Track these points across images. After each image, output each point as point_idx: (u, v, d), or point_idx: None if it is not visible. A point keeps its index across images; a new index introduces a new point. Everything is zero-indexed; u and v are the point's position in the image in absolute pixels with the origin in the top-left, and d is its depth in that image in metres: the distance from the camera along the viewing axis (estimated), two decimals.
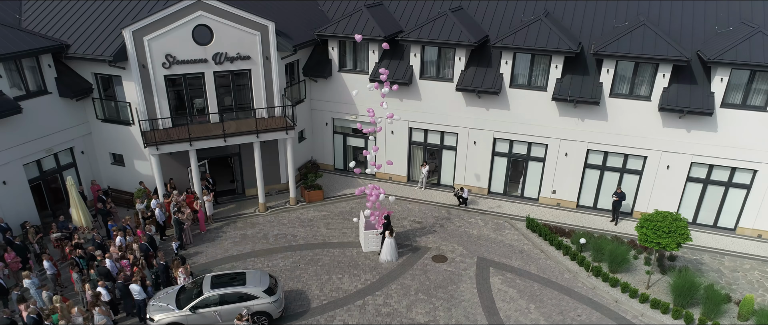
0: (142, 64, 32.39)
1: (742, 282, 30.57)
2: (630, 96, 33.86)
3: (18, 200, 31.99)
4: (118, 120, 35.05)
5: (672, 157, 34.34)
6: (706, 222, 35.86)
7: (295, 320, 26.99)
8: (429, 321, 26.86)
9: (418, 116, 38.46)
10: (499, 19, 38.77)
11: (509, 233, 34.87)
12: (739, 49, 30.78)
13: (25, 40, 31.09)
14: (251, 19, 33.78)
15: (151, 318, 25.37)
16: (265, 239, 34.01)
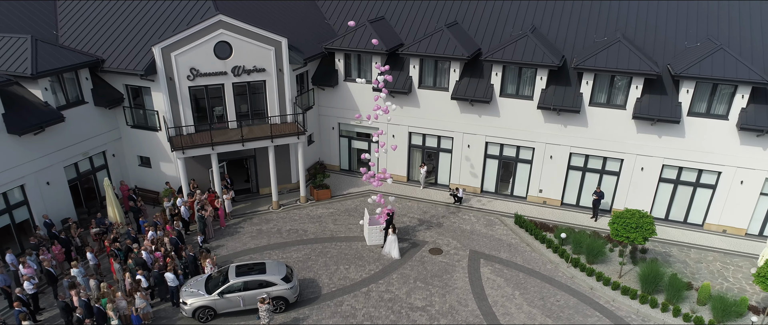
0: (169, 77, 36.26)
1: (705, 272, 34.49)
2: (607, 105, 37.69)
3: (59, 198, 35.93)
4: (146, 126, 38.93)
5: (645, 160, 38.21)
6: (677, 218, 39.73)
7: (308, 304, 30.93)
8: (426, 306, 30.81)
9: (417, 122, 42.35)
10: (490, 34, 42.59)
11: (499, 229, 38.80)
12: (702, 64, 34.65)
13: (67, 56, 34.98)
14: (266, 36, 37.59)
15: (185, 302, 29.31)
16: (279, 233, 37.91)
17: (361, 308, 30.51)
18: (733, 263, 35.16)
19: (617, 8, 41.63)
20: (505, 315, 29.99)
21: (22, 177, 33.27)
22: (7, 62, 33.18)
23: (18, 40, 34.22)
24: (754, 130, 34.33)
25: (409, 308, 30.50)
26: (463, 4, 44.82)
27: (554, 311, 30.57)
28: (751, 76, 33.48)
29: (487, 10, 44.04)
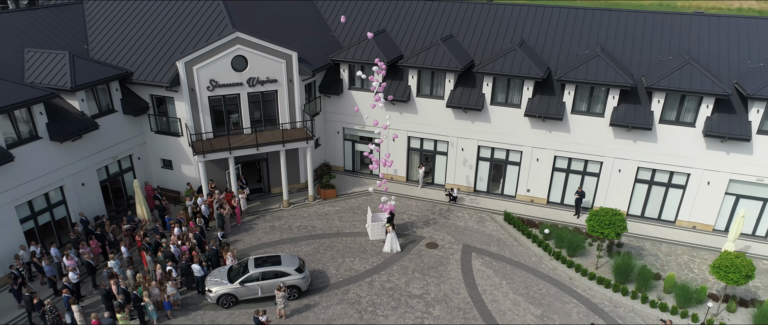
0: (191, 88, 40.30)
1: (673, 264, 38.61)
2: (587, 113, 41.75)
3: (92, 198, 40.04)
4: (169, 132, 43.00)
5: (622, 163, 42.29)
6: (652, 216, 43.83)
7: (318, 292, 35.03)
8: (423, 294, 34.91)
9: (415, 127, 46.39)
10: (483, 46, 46.59)
11: (489, 225, 42.91)
12: (671, 77, 38.70)
13: (101, 70, 39.02)
14: (278, 50, 41.60)
15: (210, 290, 33.41)
16: (290, 229, 42.01)
17: (365, 296, 34.57)
18: (699, 256, 39.21)
19: (599, 22, 45.58)
20: (492, 302, 34.07)
21: (62, 179, 37.30)
22: (48, 76, 37.14)
23: (57, 55, 38.11)
24: (717, 136, 38.30)
25: (407, 296, 34.57)
26: (458, 17, 48.71)
27: (537, 298, 34.65)
28: (714, 88, 37.44)
29: (480, 23, 47.93)
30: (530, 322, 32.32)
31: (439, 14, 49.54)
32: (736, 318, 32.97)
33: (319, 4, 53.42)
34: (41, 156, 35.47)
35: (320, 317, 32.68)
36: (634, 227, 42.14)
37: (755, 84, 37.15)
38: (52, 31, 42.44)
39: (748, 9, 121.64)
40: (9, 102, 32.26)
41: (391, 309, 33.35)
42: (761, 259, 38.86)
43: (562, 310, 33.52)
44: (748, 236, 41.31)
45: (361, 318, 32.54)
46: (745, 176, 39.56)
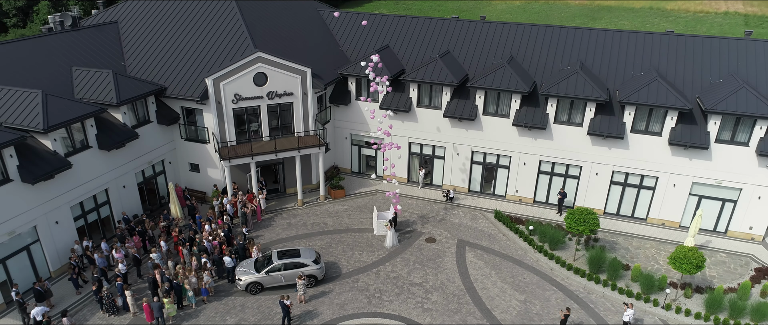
0: (218, 101, 45.92)
1: (641, 257, 44.29)
2: (568, 123, 47.36)
3: (130, 198, 45.69)
4: (197, 139, 48.61)
5: (599, 167, 47.94)
6: (626, 214, 49.49)
7: (332, 281, 40.71)
8: (422, 282, 40.59)
9: (415, 134, 51.98)
10: (476, 61, 52.06)
11: (481, 222, 48.59)
12: (640, 93, 44.31)
13: (140, 86, 44.61)
14: (294, 67, 47.13)
15: (239, 279, 39.07)
16: (305, 226, 47.68)
17: (373, 284, 40.29)
18: (664, 249, 44.92)
19: (580, 40, 51.07)
20: (483, 289, 39.79)
21: (107, 182, 42.97)
22: (96, 92, 42.73)
23: (102, 74, 43.68)
24: (681, 144, 43.94)
25: (409, 284, 40.28)
26: (454, 33, 54.21)
27: (521, 286, 40.38)
28: (677, 103, 43.08)
29: (474, 39, 53.41)
30: (515, 306, 37.99)
31: (438, 30, 55.01)
32: (691, 303, 38.66)
33: (327, 18, 58.78)
34: (91, 163, 41.07)
35: (334, 302, 38.33)
36: (610, 224, 47.74)
37: (712, 100, 42.75)
38: (94, 50, 47.91)
39: (734, 12, 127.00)
40: (69, 117, 37.83)
41: (395, 295, 38.99)
42: (719, 252, 44.49)
43: (543, 296, 39.21)
44: (709, 232, 46.96)
45: (369, 303, 38.19)
46: (705, 179, 45.16)
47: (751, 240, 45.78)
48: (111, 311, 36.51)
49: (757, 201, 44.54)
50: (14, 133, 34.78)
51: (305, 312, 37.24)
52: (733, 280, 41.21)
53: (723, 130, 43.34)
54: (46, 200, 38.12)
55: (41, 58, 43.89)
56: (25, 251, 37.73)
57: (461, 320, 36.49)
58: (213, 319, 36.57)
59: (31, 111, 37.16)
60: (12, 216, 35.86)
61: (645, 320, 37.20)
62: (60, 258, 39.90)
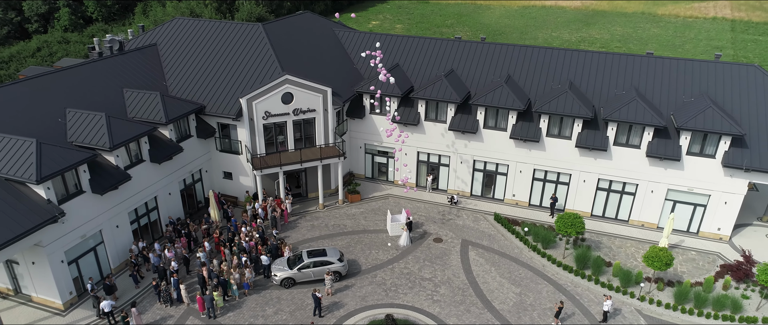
0: (250, 118, 52.42)
1: (622, 255, 50.91)
2: (558, 136, 53.89)
3: (174, 204, 52.25)
4: (230, 150, 55.11)
5: (586, 175, 54.51)
6: (610, 216, 56.07)
7: (353, 277, 47.30)
8: (432, 277, 47.19)
9: (423, 144, 58.52)
10: (478, 79, 58.46)
11: (483, 224, 55.19)
12: (621, 111, 50.79)
13: (184, 106, 51.08)
14: (317, 87, 53.58)
15: (275, 275, 45.65)
16: (326, 227, 54.27)
17: (389, 279, 46.92)
18: (643, 248, 51.48)
19: (570, 60, 57.35)
20: (484, 283, 46.44)
21: (156, 190, 49.52)
22: (146, 112, 49.16)
23: (151, 95, 50.06)
24: (657, 156, 50.51)
25: (420, 279, 46.92)
26: (457, 53, 60.43)
27: (517, 280, 47.03)
28: (653, 120, 49.60)
29: (475, 58, 59.71)
30: (511, 298, 44.69)
31: (442, 50, 61.44)
32: (663, 295, 45.30)
33: (342, 37, 65.30)
34: (145, 174, 47.63)
35: (357, 294, 44.97)
36: (596, 225, 54.33)
37: (683, 118, 49.33)
38: (139, 72, 54.35)
39: (722, 18, 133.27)
40: (129, 136, 44.37)
41: (408, 289, 45.64)
42: (690, 250, 51.13)
43: (536, 289, 45.87)
44: (683, 232, 53.54)
45: (387, 296, 44.84)
46: (679, 186, 51.76)
47: (719, 240, 52.34)
48: (167, 302, 43.00)
49: (724, 206, 51.07)
50: (87, 152, 41.22)
51: (332, 303, 43.81)
52: (700, 275, 47.78)
53: (693, 144, 49.84)
54: (109, 208, 44.64)
55: (97, 81, 50.17)
56: (92, 251, 44.11)
57: (465, 310, 43.12)
58: (254, 309, 43.18)
59: (97, 131, 43.62)
60: (84, 222, 42.38)
61: (622, 309, 43.78)
62: (119, 257, 46.47)
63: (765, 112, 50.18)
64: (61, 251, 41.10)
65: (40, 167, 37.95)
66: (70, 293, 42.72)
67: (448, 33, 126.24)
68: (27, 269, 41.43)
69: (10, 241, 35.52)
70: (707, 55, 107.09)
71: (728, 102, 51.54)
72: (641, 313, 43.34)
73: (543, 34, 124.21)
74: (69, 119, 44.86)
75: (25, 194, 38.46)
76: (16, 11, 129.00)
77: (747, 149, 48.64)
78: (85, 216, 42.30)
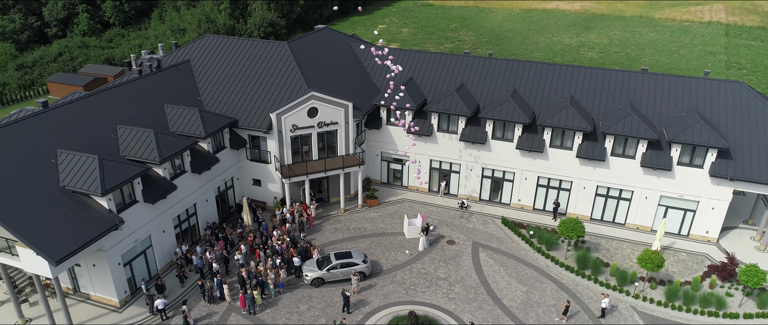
0: (279, 131, 57.52)
1: (619, 256, 56.13)
2: (560, 147, 59.05)
3: (210, 210, 57.43)
4: (260, 160, 60.25)
5: (586, 182, 59.69)
6: (608, 219, 61.29)
7: (376, 276, 52.46)
8: (446, 277, 52.39)
9: (436, 154, 63.68)
10: (486, 92, 63.50)
11: (491, 227, 60.44)
12: (618, 125, 55.91)
13: (220, 120, 56.13)
14: (339, 102, 58.60)
15: (306, 275, 50.81)
16: (348, 230, 59.45)
17: (408, 278, 52.15)
18: (638, 250, 56.64)
19: (571, 75, 62.40)
20: (494, 282, 51.67)
21: (196, 198, 54.72)
22: (186, 127, 54.12)
23: (189, 111, 55.08)
24: (650, 166, 55.69)
25: (436, 278, 52.15)
26: (467, 67, 65.28)
27: (523, 279, 52.28)
28: (647, 134, 54.73)
29: (483, 73, 64.67)
30: (519, 296, 49.94)
31: (453, 64, 66.45)
32: (655, 293, 50.48)
33: (358, 52, 70.36)
34: (187, 183, 52.77)
35: (380, 293, 50.19)
36: (595, 228, 59.49)
37: (674, 132, 54.43)
38: (176, 88, 59.42)
39: (717, 22, 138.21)
40: (175, 150, 49.40)
41: (426, 287, 50.87)
42: (681, 252, 56.31)
43: (541, 288, 51.12)
44: (674, 235, 58.66)
45: (407, 294, 50.08)
46: (670, 193, 56.92)
47: (708, 242, 57.54)
48: (211, 300, 48.27)
49: (712, 211, 56.25)
50: (141, 166, 46.37)
51: (359, 301, 49.05)
52: (689, 275, 52.99)
53: (683, 155, 54.97)
54: (157, 215, 49.80)
55: (141, 98, 55.06)
56: (143, 254, 49.37)
57: (478, 307, 48.37)
58: (289, 306, 48.43)
59: (147, 146, 48.73)
60: (137, 228, 47.55)
61: (619, 306, 49.01)
62: (164, 259, 51.68)
63: (748, 125, 55.17)
64: (118, 254, 46.16)
65: (104, 181, 42.96)
66: (125, 292, 47.78)
67: (453, 37, 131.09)
68: (87, 271, 46.51)
69: (81, 247, 40.50)
70: (701, 61, 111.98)
71: (715, 116, 56.55)
72: (636, 310, 48.46)
73: (544, 38, 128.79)
74: (120, 135, 49.84)
75: (90, 205, 43.53)
76: (35, 16, 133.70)
77: (732, 160, 53.54)
78: (138, 223, 47.40)
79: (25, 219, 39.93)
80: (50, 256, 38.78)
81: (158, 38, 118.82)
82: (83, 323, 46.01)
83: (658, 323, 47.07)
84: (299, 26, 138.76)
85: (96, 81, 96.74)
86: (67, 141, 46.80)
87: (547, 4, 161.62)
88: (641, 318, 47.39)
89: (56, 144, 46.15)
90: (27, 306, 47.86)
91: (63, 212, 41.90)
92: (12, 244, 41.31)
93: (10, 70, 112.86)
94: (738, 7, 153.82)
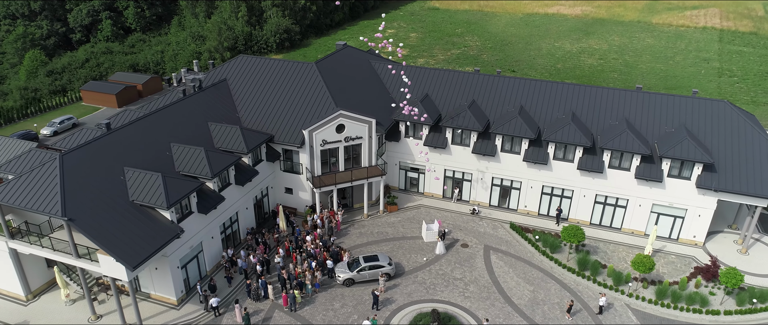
0: (310, 146, 64.37)
1: (615, 258, 62.98)
2: (563, 160, 65.89)
3: (249, 216, 64.30)
4: (292, 170, 67.12)
5: (586, 191, 66.56)
6: (606, 224, 68.14)
7: (399, 277, 59.24)
8: (462, 277, 59.14)
9: (450, 164, 70.44)
10: (495, 108, 69.98)
11: (501, 231, 67.34)
12: (614, 140, 62.67)
13: (258, 137, 62.78)
14: (364, 119, 65.26)
15: (339, 276, 57.67)
16: (372, 234, 66.33)
17: (428, 279, 59.02)
18: (632, 253, 63.51)
19: (572, 93, 68.94)
20: (504, 282, 58.54)
21: (238, 206, 61.56)
22: (229, 143, 60.87)
23: (231, 128, 61.85)
24: (643, 178, 62.55)
25: (452, 279, 59.04)
26: (478, 84, 71.73)
27: (530, 279, 59.18)
28: (640, 149, 61.53)
29: (493, 90, 71.16)
30: (526, 294, 56.89)
31: (464, 81, 72.99)
32: (647, 292, 57.33)
33: (377, 69, 76.95)
34: (232, 194, 59.57)
35: (404, 292, 57.04)
36: (594, 232, 66.30)
37: (665, 147, 61.12)
38: (216, 106, 66.12)
39: (712, 28, 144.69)
40: (223, 166, 56.09)
41: (444, 287, 57.77)
42: (671, 254, 63.15)
43: (546, 287, 58.03)
44: (665, 239, 65.43)
45: (427, 293, 56.98)
46: (661, 201, 63.79)
47: (695, 245, 64.37)
48: (257, 299, 55.21)
49: (698, 218, 63.04)
50: (197, 182, 53.18)
51: (385, 299, 55.90)
52: (677, 275, 59.81)
53: (672, 168, 61.72)
54: (208, 223, 56.60)
55: (188, 117, 61.53)
56: (195, 258, 56.32)
57: (491, 304, 55.26)
58: (325, 304, 55.30)
59: (199, 163, 55.44)
60: (193, 235, 54.35)
61: (615, 304, 55.90)
62: (213, 261, 58.51)
63: (731, 141, 61.85)
64: (177, 259, 52.96)
65: (168, 196, 49.74)
66: (181, 292, 54.59)
67: (459, 43, 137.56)
68: (149, 273, 53.32)
69: (152, 254, 47.35)
70: (695, 68, 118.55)
71: (702, 132, 63.31)
72: (629, 307, 55.34)
73: (546, 44, 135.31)
74: (174, 152, 56.56)
75: (155, 217, 50.35)
76: (61, 22, 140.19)
77: (716, 173, 60.38)
78: (193, 231, 54.19)
79: (105, 230, 46.60)
80: (128, 262, 45.49)
81: (179, 45, 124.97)
82: (147, 318, 52.59)
83: (649, 320, 53.70)
84: (312, 31, 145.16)
85: (127, 89, 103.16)
86: (130, 159, 53.38)
87: (548, 8, 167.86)
88: (634, 315, 54.11)
89: (122, 162, 52.66)
90: (96, 304, 54.41)
91: (134, 224, 48.61)
92: (92, 251, 47.78)
93: (40, 76, 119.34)
94: (733, 12, 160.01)
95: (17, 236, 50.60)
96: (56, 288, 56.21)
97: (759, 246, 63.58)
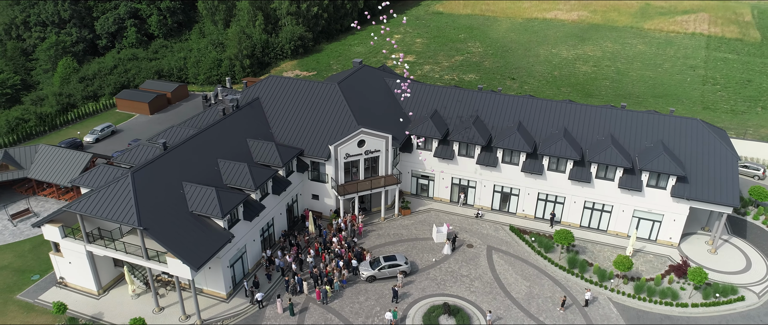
0: (335, 159, 73.92)
1: (601, 257, 72.62)
2: (556, 171, 75.32)
3: (282, 220, 73.94)
4: (318, 180, 76.73)
5: (576, 199, 76.09)
6: (594, 227, 77.86)
7: (414, 275, 68.73)
8: (468, 275, 68.59)
9: (457, 173, 79.83)
10: (497, 123, 79.45)
11: (501, 233, 76.95)
12: (600, 155, 72.26)
13: (291, 151, 72.07)
14: (382, 135, 74.57)
15: (362, 273, 67.39)
16: (389, 236, 75.87)
17: (438, 276, 68.65)
18: (615, 253, 73.25)
19: (565, 110, 77.77)
20: (504, 278, 68.19)
21: (274, 213, 71.20)
22: (266, 158, 70.34)
23: (268, 144, 71.31)
24: (625, 187, 72.18)
25: (460, 276, 68.65)
26: (481, 101, 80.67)
27: (527, 276, 68.85)
28: (622, 163, 70.92)
29: (494, 106, 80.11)
30: (523, 289, 66.62)
31: (469, 98, 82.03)
32: (627, 288, 67.06)
33: (391, 85, 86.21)
34: (270, 203, 69.15)
35: (418, 287, 66.68)
36: (584, 234, 75.74)
37: (644, 161, 70.63)
38: (252, 123, 75.27)
39: (700, 34, 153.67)
40: (265, 178, 65.65)
41: (453, 283, 67.47)
42: (649, 253, 72.79)
43: (540, 283, 67.69)
44: (645, 240, 74.92)
45: (438, 288, 66.60)
46: (641, 207, 73.37)
47: (671, 246, 74.04)
48: (294, 293, 65.00)
49: (673, 222, 72.66)
50: (243, 194, 62.76)
51: (403, 294, 65.52)
52: (654, 272, 69.40)
53: (651, 179, 71.29)
54: (251, 228, 66.17)
55: (229, 134, 70.59)
56: (240, 258, 66.06)
57: (493, 298, 64.93)
58: (351, 298, 64.89)
59: (244, 176, 64.99)
60: (239, 239, 63.82)
61: (599, 298, 65.60)
62: (253, 261, 68.11)
63: (702, 155, 71.08)
64: (227, 259, 62.56)
65: (222, 206, 59.40)
66: (229, 287, 64.33)
67: (462, 49, 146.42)
68: (203, 271, 63.00)
69: (211, 256, 56.97)
70: (682, 75, 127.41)
71: (677, 147, 72.75)
72: (612, 300, 64.98)
73: (544, 50, 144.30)
74: (222, 167, 66.15)
75: (211, 225, 59.97)
76: (88, 29, 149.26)
77: (688, 184, 70.01)
78: (240, 235, 63.84)
79: (172, 237, 56.11)
80: (193, 263, 55.06)
81: (201, 52, 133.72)
82: (202, 309, 62.32)
83: (628, 312, 63.30)
84: (323, 37, 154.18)
85: (158, 97, 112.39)
86: (186, 174, 62.75)
87: (547, 12, 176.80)
88: (615, 308, 63.65)
89: (180, 177, 62.05)
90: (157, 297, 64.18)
91: (193, 230, 58.08)
92: (160, 254, 57.43)
93: (73, 83, 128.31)
94: (721, 17, 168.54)
95: (91, 241, 59.88)
96: (122, 284, 65.46)
97: (727, 247, 72.93)
